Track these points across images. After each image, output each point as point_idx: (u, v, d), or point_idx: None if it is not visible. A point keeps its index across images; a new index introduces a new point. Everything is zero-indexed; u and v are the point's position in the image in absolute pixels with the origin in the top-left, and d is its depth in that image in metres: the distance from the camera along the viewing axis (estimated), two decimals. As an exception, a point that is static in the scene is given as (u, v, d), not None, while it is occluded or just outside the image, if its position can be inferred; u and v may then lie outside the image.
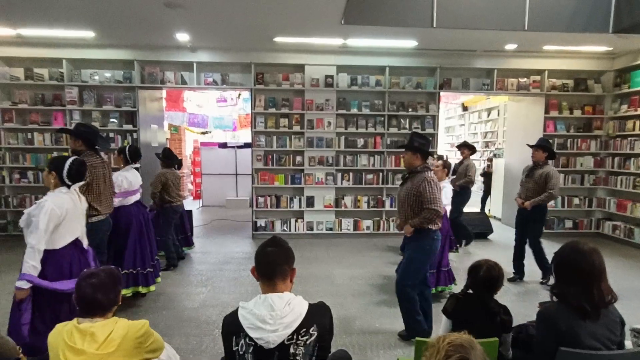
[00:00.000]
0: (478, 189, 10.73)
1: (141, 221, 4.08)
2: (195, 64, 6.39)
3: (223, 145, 10.75)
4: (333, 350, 1.72)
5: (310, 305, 1.59)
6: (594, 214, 7.09)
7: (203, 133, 12.59)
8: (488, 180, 9.16)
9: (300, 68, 6.60)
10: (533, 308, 3.40)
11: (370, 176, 6.80)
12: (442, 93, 6.90)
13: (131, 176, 4.09)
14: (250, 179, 6.86)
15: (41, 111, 6.37)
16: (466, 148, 6.35)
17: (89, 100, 6.34)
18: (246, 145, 10.05)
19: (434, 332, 3.25)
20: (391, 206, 6.81)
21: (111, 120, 6.42)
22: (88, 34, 5.60)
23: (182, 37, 5.74)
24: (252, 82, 6.51)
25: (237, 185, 10.49)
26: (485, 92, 7.19)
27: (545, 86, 6.76)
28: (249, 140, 7.15)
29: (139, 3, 4.39)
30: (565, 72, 6.83)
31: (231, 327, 1.54)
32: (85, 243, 2.77)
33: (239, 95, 10.67)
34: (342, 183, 6.78)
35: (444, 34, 5.47)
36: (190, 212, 6.02)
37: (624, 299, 1.88)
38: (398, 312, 3.62)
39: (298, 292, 1.61)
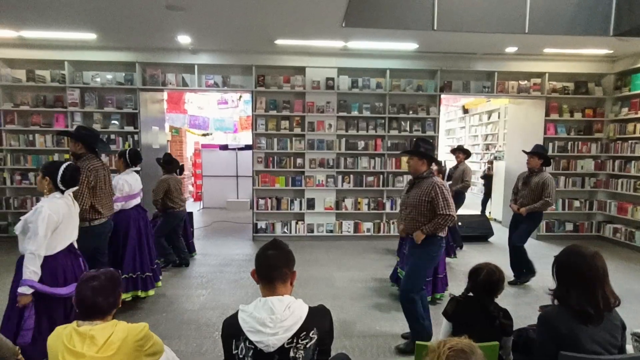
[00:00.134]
0: (479, 192, 10.74)
1: (140, 225, 4.06)
2: (196, 66, 6.41)
3: (224, 147, 10.75)
4: (333, 353, 1.72)
5: (310, 308, 1.59)
6: (595, 217, 7.09)
7: (204, 135, 12.62)
8: (489, 182, 9.15)
9: (301, 70, 6.61)
10: (534, 311, 3.39)
11: (370, 178, 6.80)
12: (443, 95, 6.91)
13: (132, 180, 4.07)
14: (250, 181, 6.87)
15: (43, 113, 6.39)
16: (461, 152, 6.34)
17: (91, 102, 6.36)
18: (247, 147, 10.06)
19: (434, 336, 3.24)
20: (391, 209, 6.81)
21: (112, 122, 6.43)
22: (90, 36, 5.63)
23: (184, 40, 5.76)
24: (253, 85, 6.53)
25: (238, 187, 10.49)
26: (485, 95, 7.20)
27: (545, 89, 6.76)
28: (250, 142, 7.15)
29: (141, 5, 4.40)
30: (565, 75, 6.84)
31: (231, 331, 1.54)
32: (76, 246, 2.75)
33: (240, 97, 10.70)
34: (343, 185, 6.78)
35: (445, 37, 5.48)
36: (190, 214, 6.01)
37: (625, 303, 1.88)
38: (398, 315, 3.62)
39: (298, 295, 1.61)
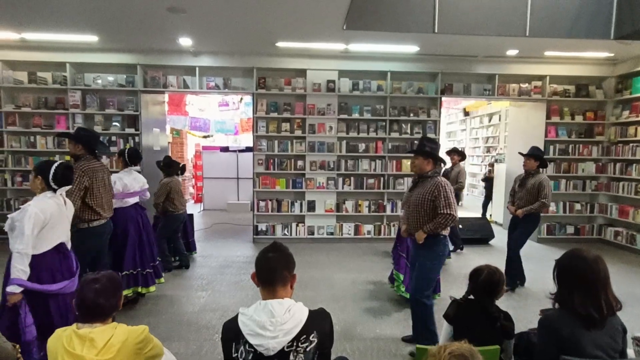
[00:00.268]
0: (479, 194, 10.72)
1: (139, 223, 4.08)
2: (197, 68, 6.42)
3: (225, 149, 10.77)
4: (333, 357, 1.71)
5: (310, 311, 1.58)
6: (596, 220, 7.07)
7: (205, 137, 12.65)
8: (489, 185, 9.14)
9: (302, 73, 6.62)
10: (534, 315, 3.38)
11: (371, 181, 6.80)
12: (444, 98, 6.90)
13: (128, 178, 4.07)
14: (251, 183, 6.87)
15: (44, 114, 6.40)
16: (456, 154, 6.34)
17: (92, 103, 6.37)
18: (248, 149, 10.08)
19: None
20: (392, 211, 6.80)
21: (113, 123, 6.44)
22: (91, 38, 5.64)
23: (185, 42, 5.78)
24: (254, 87, 6.54)
25: (239, 189, 10.49)
26: (486, 98, 7.19)
27: (546, 92, 6.77)
28: (251, 144, 7.16)
29: (142, 7, 4.42)
30: (566, 78, 6.84)
31: (231, 334, 1.54)
32: (69, 246, 2.74)
33: (241, 99, 10.72)
34: (344, 187, 6.78)
35: (446, 40, 5.48)
36: (191, 216, 6.02)
37: (626, 306, 1.87)
38: (399, 318, 3.61)
39: (298, 297, 1.61)
